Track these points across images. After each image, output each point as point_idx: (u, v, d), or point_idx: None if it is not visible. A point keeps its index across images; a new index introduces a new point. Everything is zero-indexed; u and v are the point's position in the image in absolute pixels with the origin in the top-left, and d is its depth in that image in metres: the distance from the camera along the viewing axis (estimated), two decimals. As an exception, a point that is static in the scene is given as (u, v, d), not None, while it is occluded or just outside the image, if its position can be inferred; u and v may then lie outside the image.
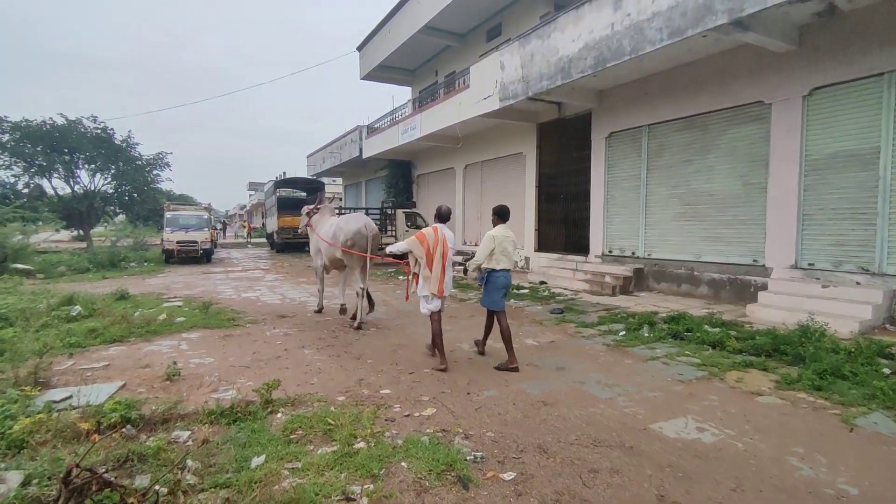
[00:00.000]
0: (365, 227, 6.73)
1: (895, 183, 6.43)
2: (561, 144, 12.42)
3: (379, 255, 7.02)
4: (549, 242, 13.00)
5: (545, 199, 13.07)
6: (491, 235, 4.98)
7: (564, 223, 12.53)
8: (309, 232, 7.90)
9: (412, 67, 21.10)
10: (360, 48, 22.21)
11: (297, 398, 3.99)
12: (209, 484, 2.63)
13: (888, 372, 4.42)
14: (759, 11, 6.13)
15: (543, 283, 10.98)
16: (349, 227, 6.74)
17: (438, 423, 3.57)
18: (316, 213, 7.92)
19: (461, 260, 7.78)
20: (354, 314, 6.91)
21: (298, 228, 10.67)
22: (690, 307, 7.76)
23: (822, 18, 6.84)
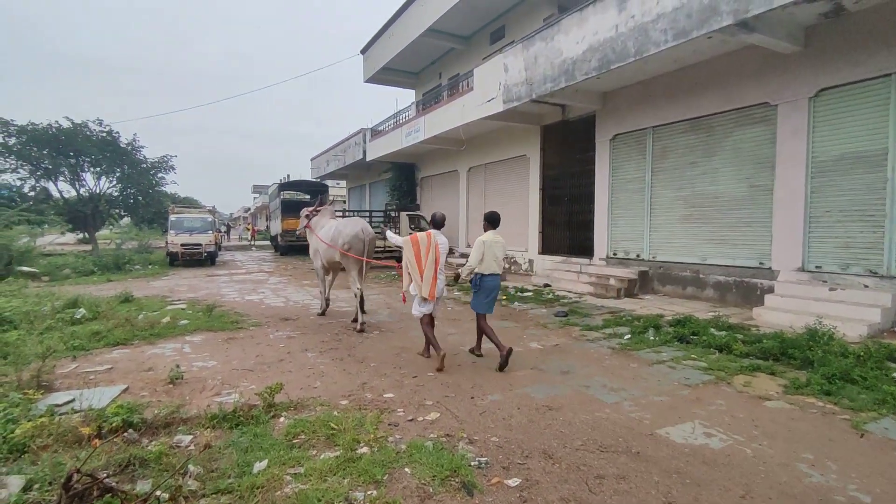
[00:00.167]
0: (362, 231, 6.96)
1: (903, 185, 6.37)
2: (565, 147, 12.38)
3: (375, 259, 7.27)
4: (553, 245, 12.96)
5: (549, 201, 13.03)
6: (481, 241, 5.12)
7: (568, 225, 12.48)
8: (308, 234, 8.07)
9: (416, 70, 21.15)
10: (363, 51, 22.29)
11: (299, 402, 3.97)
12: (211, 489, 2.61)
13: (898, 376, 4.35)
14: (764, 12, 6.09)
15: (547, 285, 10.94)
16: (347, 230, 6.98)
17: (442, 427, 3.54)
18: (315, 214, 8.10)
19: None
20: (356, 317, 7.06)
21: (297, 230, 10.76)
22: (696, 310, 7.70)
23: (828, 19, 6.79)
